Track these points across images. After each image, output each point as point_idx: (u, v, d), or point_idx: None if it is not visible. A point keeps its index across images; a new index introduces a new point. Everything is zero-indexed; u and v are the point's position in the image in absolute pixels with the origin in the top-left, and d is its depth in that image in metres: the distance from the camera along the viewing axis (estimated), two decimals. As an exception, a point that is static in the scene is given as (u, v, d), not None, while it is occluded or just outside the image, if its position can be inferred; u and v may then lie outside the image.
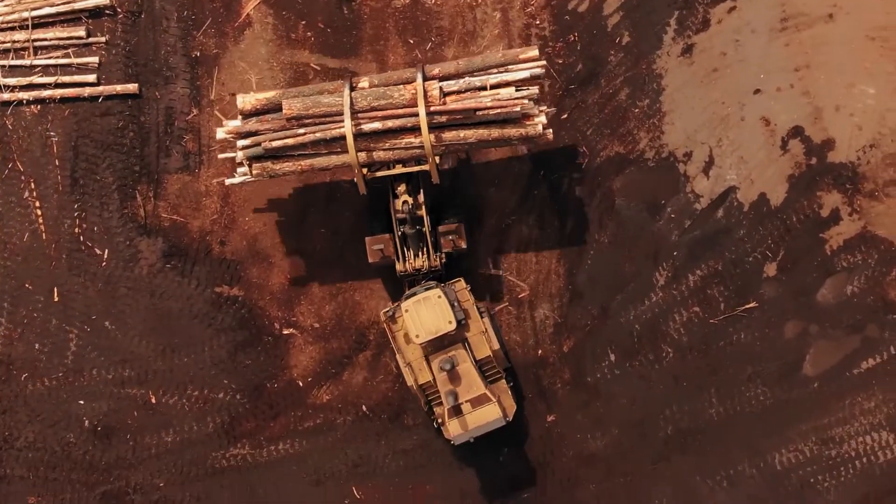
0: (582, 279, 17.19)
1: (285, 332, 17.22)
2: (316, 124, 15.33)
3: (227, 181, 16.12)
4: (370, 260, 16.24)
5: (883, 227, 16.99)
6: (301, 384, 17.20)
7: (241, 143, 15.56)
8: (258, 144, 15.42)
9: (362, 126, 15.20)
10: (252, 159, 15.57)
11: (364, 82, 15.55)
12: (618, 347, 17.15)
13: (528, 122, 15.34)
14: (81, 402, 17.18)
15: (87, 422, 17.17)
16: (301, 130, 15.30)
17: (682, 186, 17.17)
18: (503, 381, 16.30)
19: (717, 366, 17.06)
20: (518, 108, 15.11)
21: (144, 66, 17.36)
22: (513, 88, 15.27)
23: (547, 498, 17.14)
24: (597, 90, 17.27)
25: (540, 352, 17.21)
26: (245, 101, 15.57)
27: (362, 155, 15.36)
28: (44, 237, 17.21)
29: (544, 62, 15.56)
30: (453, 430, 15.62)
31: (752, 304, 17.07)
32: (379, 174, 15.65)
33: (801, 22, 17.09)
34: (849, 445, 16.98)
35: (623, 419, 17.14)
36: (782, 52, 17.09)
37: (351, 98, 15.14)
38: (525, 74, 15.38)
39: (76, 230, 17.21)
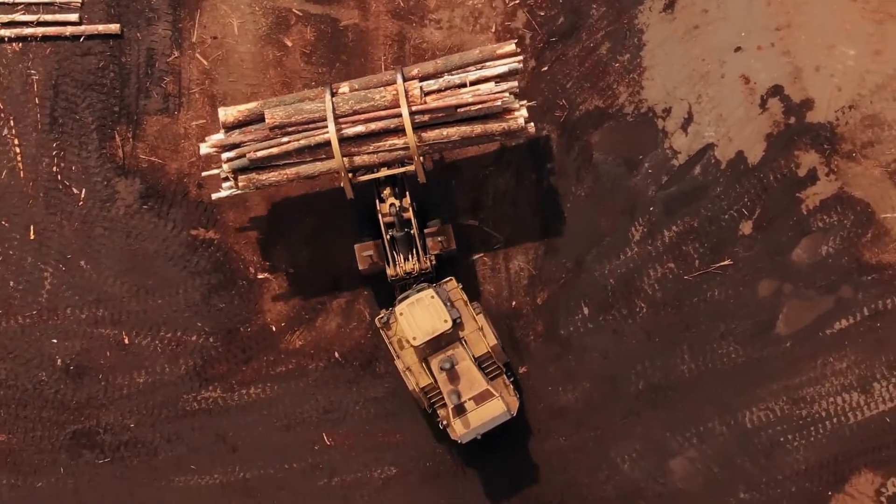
0: (558, 232, 17.21)
1: (260, 276, 17.24)
2: (299, 132, 15.33)
3: (214, 196, 16.08)
4: (360, 267, 16.23)
5: (859, 188, 17.01)
6: (274, 329, 17.21)
7: (225, 155, 15.52)
8: (243, 156, 15.39)
9: (346, 130, 15.22)
10: (237, 171, 15.55)
11: (345, 87, 15.55)
12: (592, 301, 17.17)
13: (509, 117, 15.41)
14: (54, 340, 17.18)
15: (59, 360, 17.18)
16: (285, 139, 15.29)
17: (661, 142, 17.20)
18: (503, 376, 16.31)
19: (690, 322, 17.08)
20: (499, 103, 15.18)
21: (127, 6, 17.38)
22: (492, 83, 15.35)
23: (518, 450, 17.14)
24: (578, 43, 17.30)
25: (514, 303, 17.23)
26: (227, 113, 15.54)
27: (347, 159, 15.36)
28: (21, 175, 17.22)
29: (522, 56, 15.63)
30: (459, 429, 15.60)
31: (726, 262, 17.10)
32: (365, 178, 15.61)
33: (784, -19, 17.16)
34: (819, 406, 17.00)
35: (595, 373, 17.15)
36: (764, 11, 17.12)
37: (333, 103, 15.20)
38: (504, 69, 15.42)
39: (54, 169, 17.22)
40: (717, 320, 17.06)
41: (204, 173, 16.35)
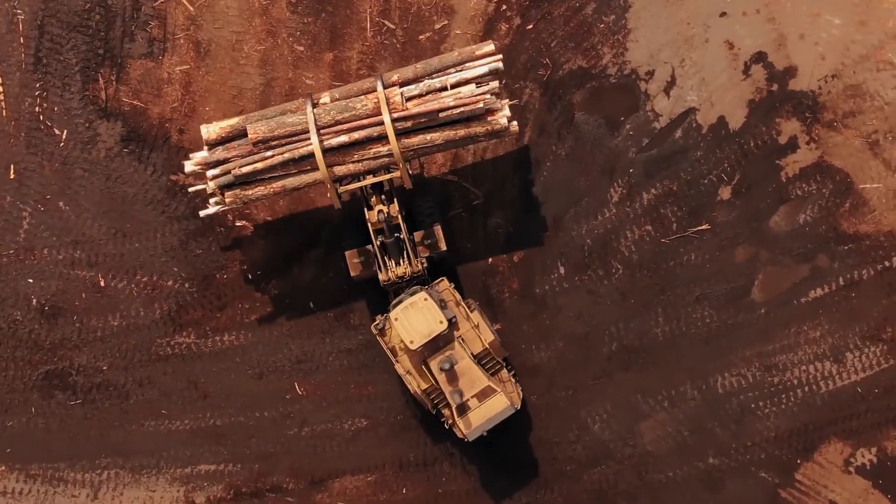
0: (537, 191, 17.22)
1: (238, 223, 17.24)
2: (283, 145, 15.31)
3: (202, 213, 16.07)
4: (352, 273, 16.20)
5: (839, 157, 17.02)
6: (250, 277, 17.23)
7: (210, 172, 15.45)
8: (228, 173, 15.36)
9: (329, 141, 15.19)
10: (223, 188, 15.51)
11: (325, 97, 15.51)
12: (568, 261, 17.18)
13: (491, 118, 15.36)
14: (30, 280, 17.20)
15: (34, 300, 17.20)
16: (269, 153, 15.26)
17: (643, 104, 17.20)
18: (504, 370, 16.31)
19: (666, 285, 17.09)
20: (481, 105, 15.14)
21: (115, -52, 17.44)
22: (473, 85, 15.30)
23: (488, 407, 17.17)
24: (563, 3, 17.29)
25: (490, 260, 17.24)
26: (209, 130, 15.48)
27: (332, 170, 15.32)
28: (4, 114, 17.23)
29: (501, 56, 15.59)
30: (465, 427, 15.61)
31: (704, 226, 17.11)
32: (351, 186, 15.55)
33: (772, -52, 17.15)
34: (792, 374, 17.01)
35: (568, 332, 17.16)
36: (750, -23, 17.16)
37: (314, 115, 15.18)
38: (483, 70, 15.38)
39: (36, 109, 17.24)
40: (692, 284, 17.08)
41: (190, 189, 16.32)
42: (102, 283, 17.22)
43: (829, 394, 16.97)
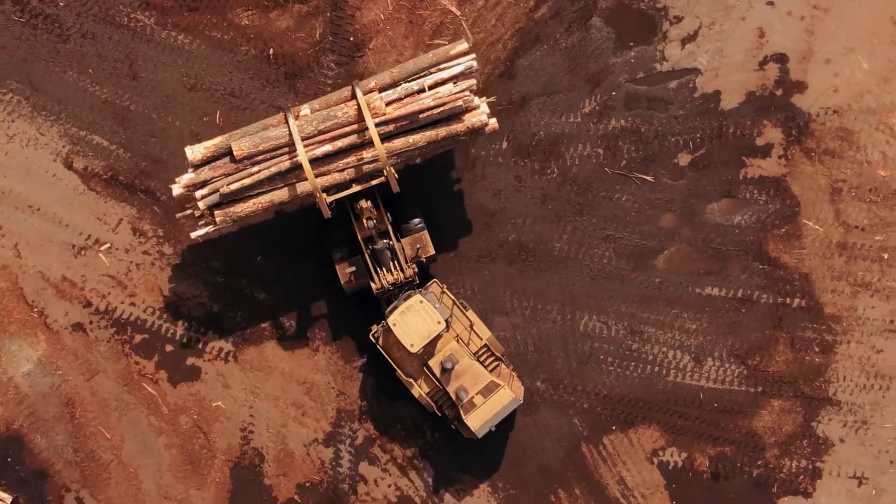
0: (521, 63, 17.27)
1: (247, -56, 17.31)
2: (268, 159, 15.29)
3: (193, 234, 15.88)
4: (344, 287, 16.11)
5: (799, 185, 17.09)
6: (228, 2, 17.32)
7: (199, 193, 15.34)
8: (216, 192, 15.28)
9: (314, 151, 15.17)
10: (212, 207, 15.41)
11: (305, 109, 15.49)
12: (514, 139, 17.23)
13: (471, 115, 15.44)
14: None
15: None
16: (255, 168, 15.23)
17: (656, 42, 17.24)
18: (503, 366, 16.34)
19: (586, 210, 17.16)
20: (460, 103, 15.22)
21: None
22: (451, 85, 15.36)
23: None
24: (638, -86, 17.36)
25: (447, 101, 17.28)
26: (194, 152, 15.41)
27: (319, 179, 15.26)
28: None
29: (475, 55, 15.64)
30: (473, 423, 15.68)
31: (649, 177, 17.18)
32: (339, 195, 15.41)
33: (846, -29, 17.20)
34: (651, 348, 17.10)
35: (479, 203, 17.21)
36: (813, -16, 17.21)
37: (297, 126, 15.13)
38: (459, 69, 15.44)
39: None
40: (609, 222, 17.15)
41: (178, 215, 16.19)
42: (100, -70, 17.25)
43: (674, 385, 17.06)
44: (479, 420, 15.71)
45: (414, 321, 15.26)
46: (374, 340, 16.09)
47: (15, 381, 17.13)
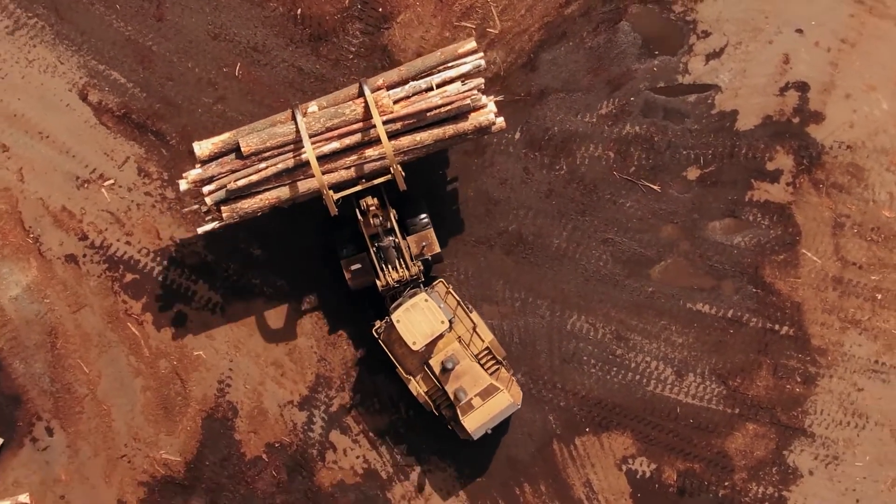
0: (545, 57, 17.30)
1: None
2: (276, 156, 15.30)
3: (199, 229, 15.85)
4: (349, 281, 16.11)
5: (803, 215, 17.13)
6: (267, -48, 17.35)
7: (206, 188, 15.35)
8: (223, 188, 15.28)
9: (321, 148, 15.17)
10: (219, 203, 15.41)
11: (313, 106, 15.50)
12: (528, 131, 17.27)
13: (478, 114, 15.46)
14: None
15: None
16: (262, 165, 15.24)
17: (681, 54, 17.28)
18: (503, 370, 16.33)
19: (589, 210, 17.20)
20: (468, 101, 15.23)
21: None
22: (459, 83, 15.39)
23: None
24: (682, -76, 17.41)
25: (466, 84, 17.32)
26: (202, 147, 15.41)
27: (326, 177, 15.26)
28: None
29: (482, 53, 15.67)
30: (470, 425, 15.69)
31: (655, 187, 17.22)
32: (346, 192, 15.42)
33: (877, 9, 17.19)
34: (636, 356, 17.14)
35: (484, 188, 17.25)
36: (843, 18, 17.20)
37: (305, 123, 15.15)
38: (467, 68, 15.46)
39: None
40: (610, 225, 17.19)
41: (184, 210, 16.20)
42: None
43: (653, 395, 17.10)
44: (476, 422, 15.72)
45: (418, 319, 15.28)
46: (376, 335, 16.08)
47: (1, 303, 17.17)
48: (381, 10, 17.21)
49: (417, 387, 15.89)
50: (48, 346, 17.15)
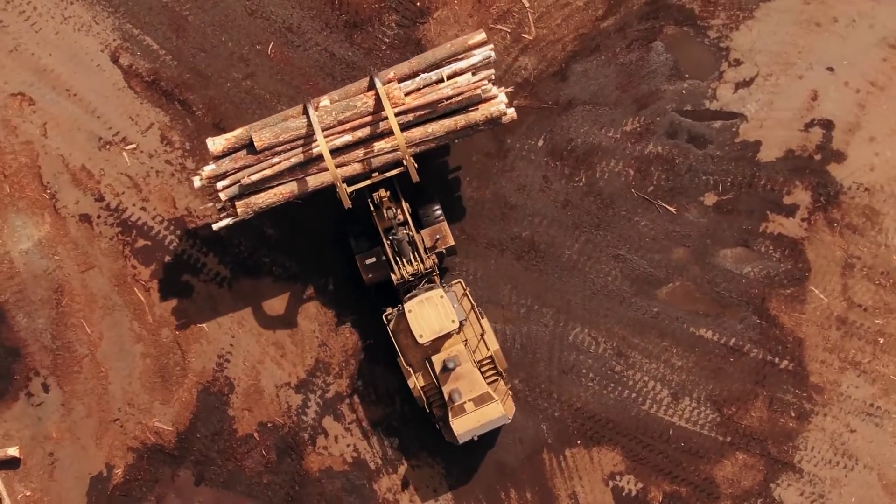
0: (577, 68, 17.37)
1: None
2: (288, 150, 15.35)
3: (215, 226, 15.89)
4: (364, 276, 16.16)
5: (815, 252, 17.19)
6: (312, -65, 17.40)
7: (220, 184, 15.40)
8: (237, 183, 15.35)
9: (334, 141, 15.22)
10: (233, 199, 15.47)
11: (325, 100, 15.55)
12: (551, 140, 17.34)
13: (489, 105, 15.51)
14: None
15: None
16: (276, 159, 15.30)
17: (711, 80, 17.35)
18: (501, 382, 16.33)
19: (603, 225, 17.27)
20: (479, 92, 15.31)
21: None
22: (469, 74, 15.45)
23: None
24: (724, -48, 17.49)
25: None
26: (215, 143, 15.46)
27: (340, 170, 15.33)
28: None
29: (492, 45, 15.74)
30: (457, 428, 15.70)
31: (672, 208, 17.28)
32: (360, 185, 15.48)
33: (910, 56, 17.32)
34: (634, 374, 17.20)
35: (502, 193, 17.32)
36: (874, 62, 17.27)
37: (317, 117, 15.18)
38: (477, 59, 15.52)
39: None
40: (623, 242, 17.25)
41: (200, 208, 16.31)
42: None
43: (647, 415, 17.16)
44: (464, 426, 15.74)
45: (429, 313, 15.31)
46: (385, 322, 16.12)
47: (11, 255, 17.23)
48: (419, 4, 17.29)
49: (415, 380, 15.92)
50: (53, 302, 17.20)
